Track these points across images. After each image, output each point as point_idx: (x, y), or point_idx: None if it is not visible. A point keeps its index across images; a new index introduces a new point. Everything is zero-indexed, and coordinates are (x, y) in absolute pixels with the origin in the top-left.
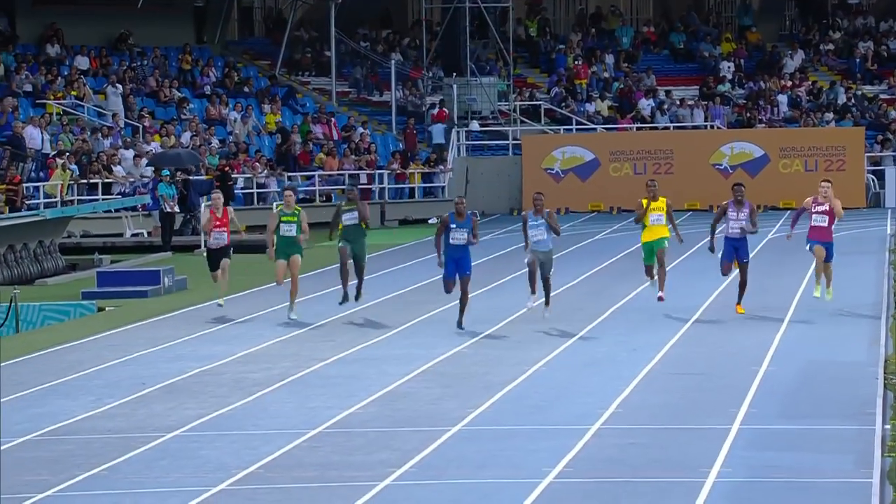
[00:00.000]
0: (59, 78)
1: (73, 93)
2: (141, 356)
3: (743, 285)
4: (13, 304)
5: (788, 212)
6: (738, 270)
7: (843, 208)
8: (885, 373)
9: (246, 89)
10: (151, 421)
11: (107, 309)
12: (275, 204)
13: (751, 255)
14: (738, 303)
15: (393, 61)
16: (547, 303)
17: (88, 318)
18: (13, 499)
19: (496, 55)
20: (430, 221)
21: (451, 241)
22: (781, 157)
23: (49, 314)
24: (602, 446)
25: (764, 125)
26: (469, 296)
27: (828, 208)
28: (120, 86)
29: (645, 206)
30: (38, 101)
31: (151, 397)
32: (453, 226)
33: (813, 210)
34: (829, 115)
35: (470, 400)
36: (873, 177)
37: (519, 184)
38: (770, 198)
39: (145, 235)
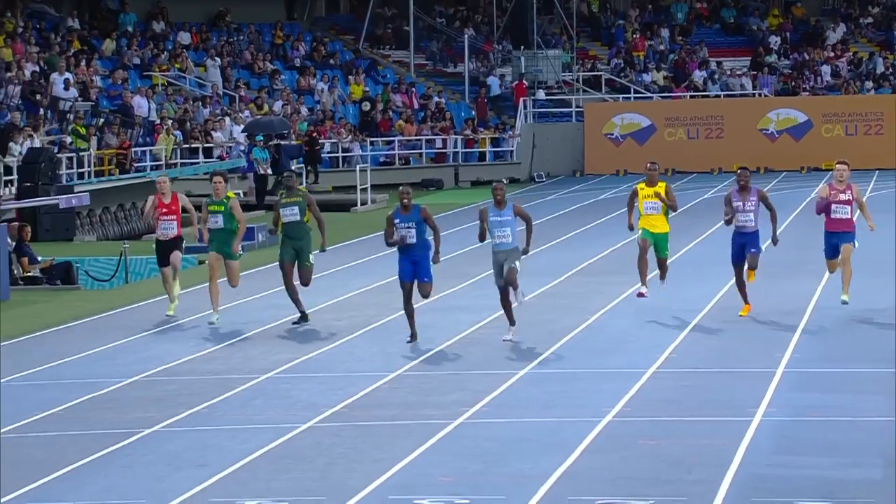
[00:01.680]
0: (164, 52)
1: (177, 65)
2: (237, 305)
3: (751, 271)
4: (123, 257)
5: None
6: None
7: (880, 169)
8: None
9: (332, 62)
10: (247, 364)
11: (204, 262)
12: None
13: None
14: (745, 303)
15: (466, 36)
16: (511, 320)
17: (190, 271)
18: (125, 433)
19: (560, 30)
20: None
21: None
22: (824, 122)
23: (154, 267)
24: (657, 388)
25: (808, 93)
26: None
27: (849, 197)
28: (218, 59)
29: (640, 194)
30: (145, 74)
31: (247, 343)
32: (397, 221)
33: (833, 199)
34: (869, 84)
35: (536, 346)
36: None
37: (581, 148)
38: (813, 160)
39: (241, 195)
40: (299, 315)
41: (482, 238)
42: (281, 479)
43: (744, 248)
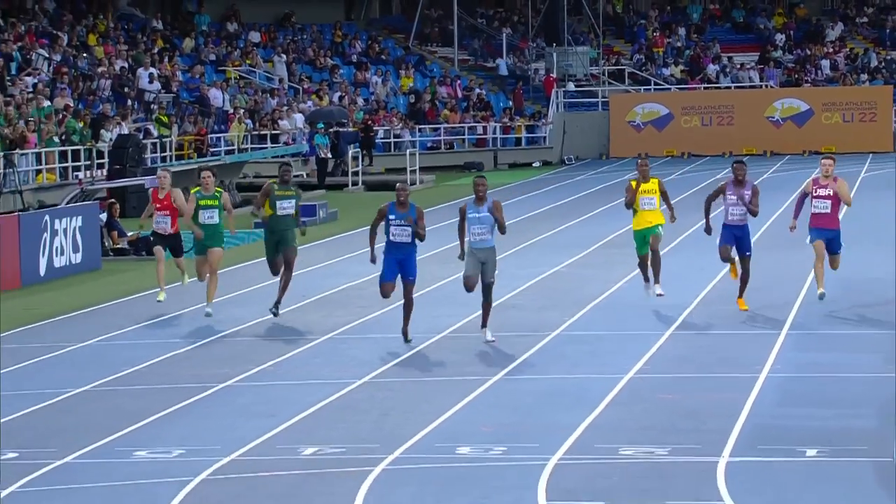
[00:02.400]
0: (237, 49)
1: (248, 61)
2: (300, 274)
3: (745, 278)
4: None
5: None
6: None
7: (874, 152)
8: None
9: (385, 58)
10: (308, 326)
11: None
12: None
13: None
14: (740, 297)
15: (504, 34)
16: (485, 321)
17: (258, 244)
18: (202, 387)
19: (588, 28)
20: (533, 165)
21: (390, 237)
22: (823, 110)
23: (228, 240)
24: (674, 348)
25: (809, 84)
26: (413, 302)
27: (831, 193)
28: (284, 55)
29: (634, 188)
30: (219, 68)
31: (308, 307)
32: (392, 217)
33: (814, 194)
34: (864, 76)
35: (566, 310)
36: None
37: (607, 134)
38: (814, 145)
39: (304, 176)
40: (275, 301)
41: (461, 233)
42: (339, 429)
43: (738, 240)
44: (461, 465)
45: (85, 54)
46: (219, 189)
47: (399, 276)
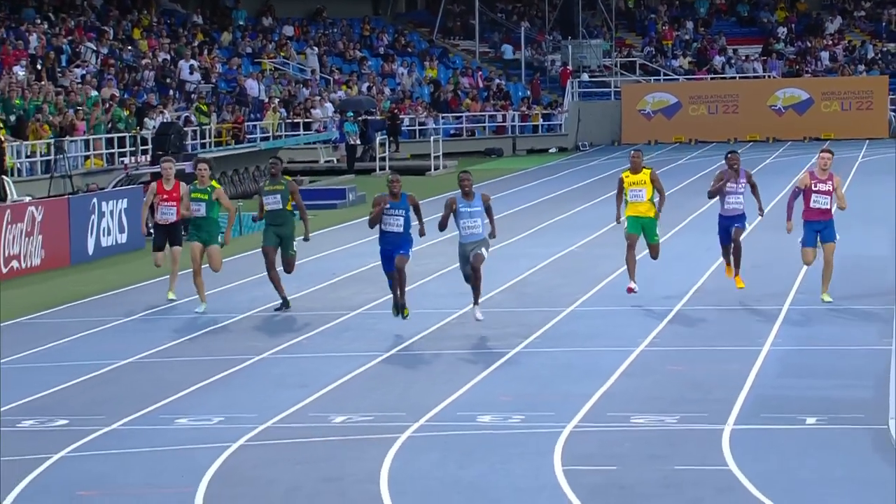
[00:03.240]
0: (272, 43)
1: (282, 54)
2: (331, 253)
3: (737, 251)
4: (238, 213)
5: (788, 191)
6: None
7: (870, 139)
8: None
9: (410, 50)
10: (339, 302)
11: (316, 216)
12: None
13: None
14: (737, 274)
15: (522, 27)
16: (476, 299)
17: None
18: (239, 359)
19: (602, 22)
20: (549, 151)
21: (384, 228)
22: (823, 99)
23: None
24: (681, 323)
25: (809, 75)
26: (406, 276)
27: (830, 188)
28: (316, 48)
29: (625, 182)
30: (255, 61)
31: (339, 284)
32: (388, 206)
33: (814, 188)
34: (861, 67)
35: (580, 287)
36: (894, 114)
37: (619, 121)
38: (814, 131)
39: (335, 162)
40: (281, 301)
41: (443, 226)
42: (367, 398)
43: (729, 230)
44: (482, 433)
45: (130, 47)
46: (214, 184)
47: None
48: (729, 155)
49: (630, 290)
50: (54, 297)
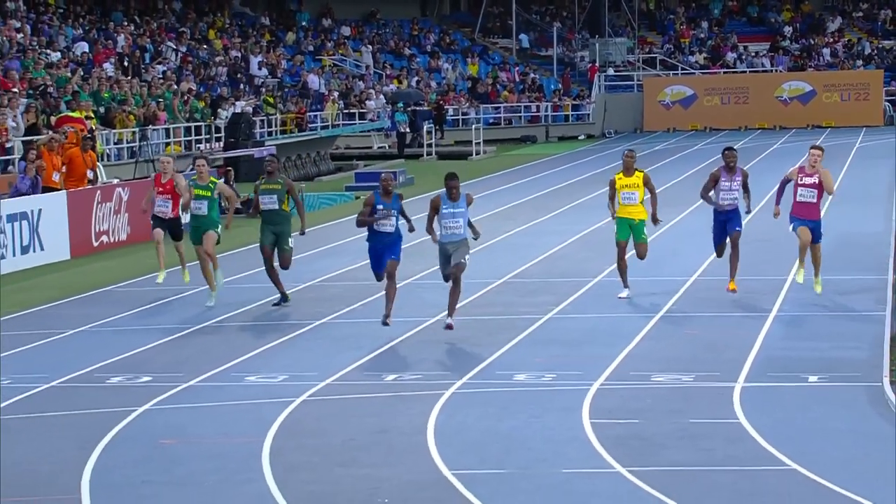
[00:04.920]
0: (331, 41)
1: (340, 51)
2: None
3: (735, 257)
4: (300, 194)
5: (777, 186)
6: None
7: (867, 126)
8: (894, 240)
9: (454, 48)
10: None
11: (360, 197)
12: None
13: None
14: (731, 279)
15: (554, 27)
16: (451, 310)
17: (348, 204)
18: (301, 324)
19: (626, 22)
20: (578, 137)
21: (374, 226)
22: (824, 91)
23: (323, 201)
24: (696, 292)
25: (812, 69)
26: (396, 285)
27: (816, 181)
28: (370, 46)
29: (617, 184)
30: (316, 57)
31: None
32: (380, 206)
33: (799, 182)
34: (859, 62)
35: (606, 260)
36: (889, 104)
37: (641, 111)
38: (816, 120)
39: (386, 148)
40: (280, 296)
41: (429, 229)
42: (416, 359)
43: (725, 226)
44: (518, 390)
45: (205, 46)
46: (213, 180)
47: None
48: (726, 152)
49: (621, 298)
50: (139, 268)
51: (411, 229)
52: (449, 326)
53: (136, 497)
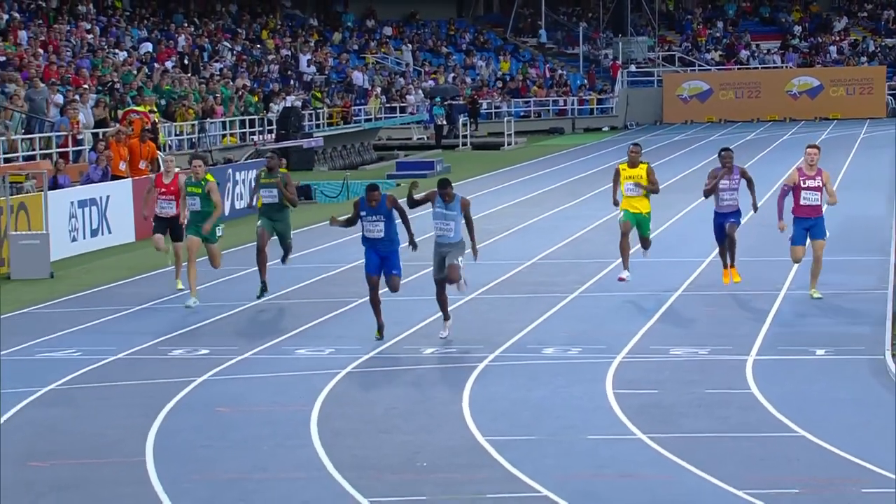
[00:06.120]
0: (374, 41)
1: (382, 50)
2: (420, 215)
3: (732, 244)
4: (345, 181)
5: (780, 190)
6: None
7: (871, 118)
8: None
9: (487, 46)
10: (428, 256)
11: (401, 184)
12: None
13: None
14: (732, 265)
15: (581, 26)
16: (446, 315)
17: (389, 191)
18: (345, 301)
19: (647, 22)
20: (602, 129)
21: (364, 233)
22: (831, 85)
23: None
24: (712, 272)
25: (820, 65)
26: (398, 290)
27: (819, 183)
28: (410, 45)
29: (622, 175)
30: (360, 55)
31: (424, 243)
32: (363, 214)
33: (802, 185)
34: (863, 59)
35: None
36: (891, 98)
37: (660, 104)
38: (823, 113)
39: (425, 139)
40: (261, 286)
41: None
42: (452, 333)
43: (724, 226)
44: (546, 362)
45: (258, 45)
46: (208, 177)
47: (382, 271)
48: (722, 153)
49: (621, 279)
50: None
51: (413, 246)
52: (442, 336)
53: (195, 460)
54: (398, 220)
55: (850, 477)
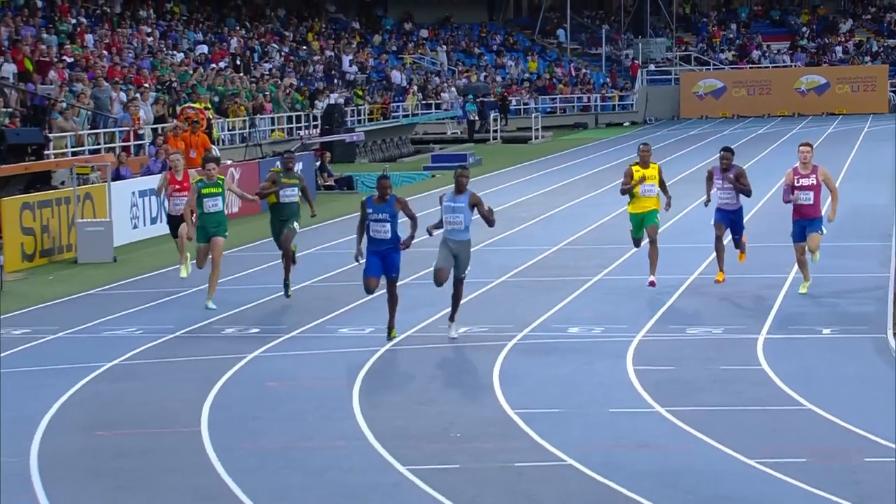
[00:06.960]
0: (411, 42)
1: (419, 51)
2: (421, 216)
3: (739, 243)
4: (385, 172)
5: (783, 187)
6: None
7: (874, 114)
8: None
9: (517, 47)
10: None
11: (436, 175)
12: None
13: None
14: (742, 252)
15: (603, 29)
16: (453, 316)
17: (426, 181)
18: (383, 285)
19: (665, 24)
20: (624, 124)
21: (370, 233)
22: (837, 83)
23: (405, 179)
24: (725, 257)
25: (827, 64)
26: (398, 298)
27: (813, 182)
28: (445, 46)
29: (635, 175)
30: (399, 56)
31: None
32: (370, 211)
33: (796, 185)
34: (867, 58)
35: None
36: (893, 94)
37: (678, 101)
38: (830, 108)
39: (458, 133)
40: (285, 282)
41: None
42: (482, 315)
43: (732, 223)
44: (571, 341)
45: (304, 47)
46: (221, 176)
47: (383, 272)
48: (721, 153)
49: (652, 284)
50: (250, 236)
51: (405, 246)
52: (452, 337)
53: (247, 431)
54: (400, 221)
55: (854, 447)
